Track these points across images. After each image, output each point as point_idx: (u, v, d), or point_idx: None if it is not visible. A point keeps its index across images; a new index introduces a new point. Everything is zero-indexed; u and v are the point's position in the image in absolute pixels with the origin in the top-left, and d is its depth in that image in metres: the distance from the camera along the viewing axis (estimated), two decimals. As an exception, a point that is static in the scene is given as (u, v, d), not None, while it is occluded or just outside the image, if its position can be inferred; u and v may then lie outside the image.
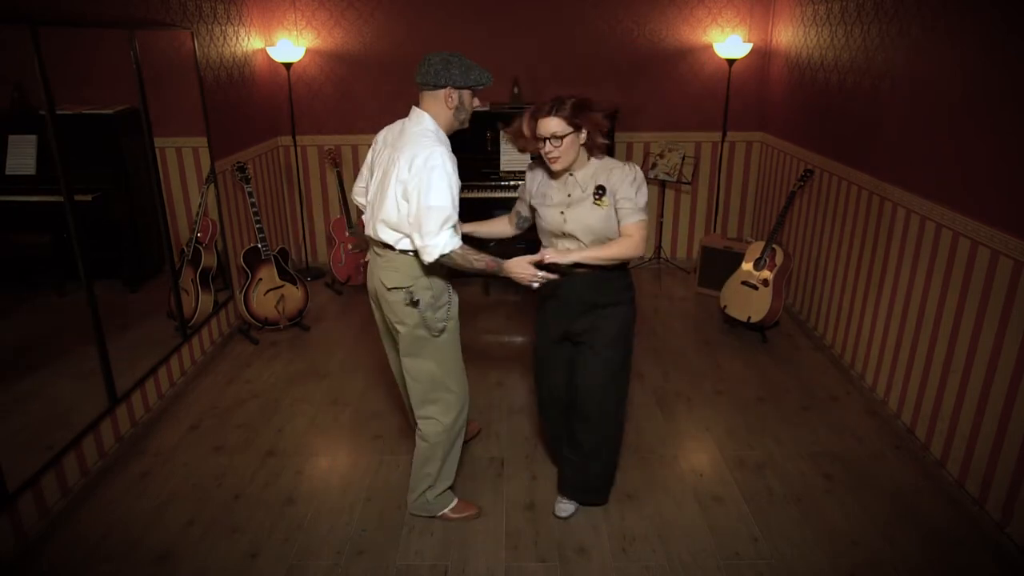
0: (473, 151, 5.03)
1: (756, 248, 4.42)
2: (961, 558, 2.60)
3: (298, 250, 5.76)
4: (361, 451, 3.29)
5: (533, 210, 2.66)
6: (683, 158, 5.31)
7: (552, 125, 2.38)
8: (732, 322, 4.48)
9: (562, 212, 2.50)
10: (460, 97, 2.44)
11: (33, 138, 2.89)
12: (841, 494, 2.95)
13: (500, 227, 2.86)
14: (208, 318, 4.20)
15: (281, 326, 4.54)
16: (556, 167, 2.46)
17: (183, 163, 3.97)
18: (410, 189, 2.34)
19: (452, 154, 2.43)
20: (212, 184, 4.17)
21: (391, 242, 2.47)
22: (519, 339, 4.46)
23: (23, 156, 2.91)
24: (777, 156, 5.12)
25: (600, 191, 2.47)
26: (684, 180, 5.36)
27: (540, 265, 2.44)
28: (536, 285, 2.43)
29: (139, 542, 2.71)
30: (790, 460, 3.19)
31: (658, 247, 5.75)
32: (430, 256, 2.35)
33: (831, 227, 4.13)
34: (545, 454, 3.24)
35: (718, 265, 4.94)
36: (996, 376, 2.68)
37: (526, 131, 2.43)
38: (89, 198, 3.13)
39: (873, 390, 3.61)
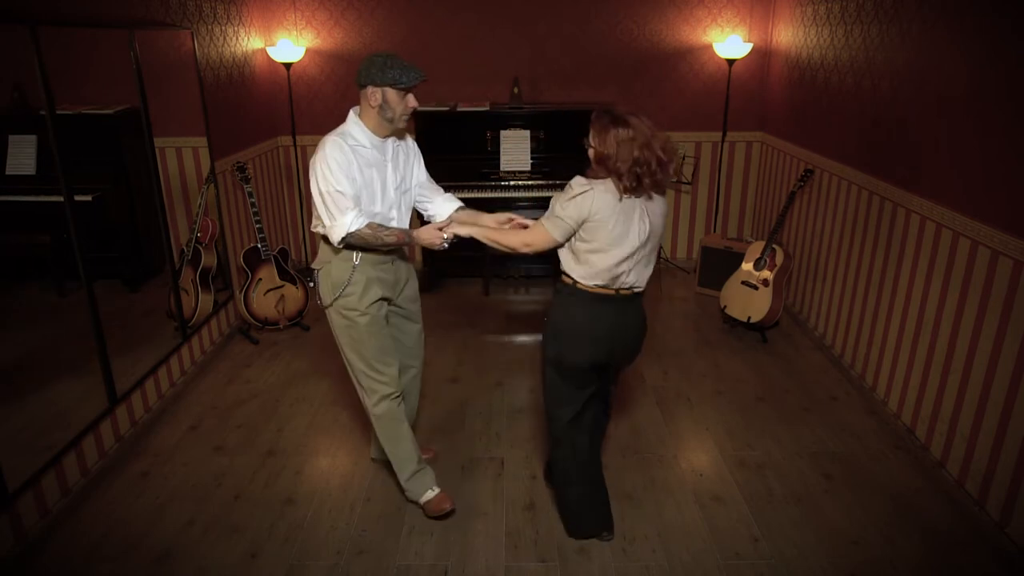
0: (473, 151, 5.03)
1: (756, 248, 4.42)
2: (961, 558, 2.60)
3: (298, 250, 5.76)
4: (361, 451, 3.29)
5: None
6: (683, 158, 5.31)
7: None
8: (732, 322, 4.48)
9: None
10: (383, 95, 2.48)
11: (33, 138, 2.89)
12: (841, 494, 2.95)
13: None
14: (208, 318, 4.20)
15: (281, 326, 4.54)
16: None
17: (183, 163, 3.97)
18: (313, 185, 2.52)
19: (351, 150, 2.51)
20: (212, 184, 4.17)
21: (314, 226, 2.67)
22: (519, 339, 4.46)
23: (23, 156, 2.90)
24: (777, 156, 5.12)
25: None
26: (684, 180, 5.35)
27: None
28: (446, 245, 2.62)
29: (139, 542, 2.71)
30: (790, 460, 3.19)
31: (658, 247, 5.74)
32: (336, 237, 2.50)
33: (831, 227, 4.13)
34: (545, 454, 3.23)
35: (718, 265, 4.94)
36: (996, 376, 2.68)
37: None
38: (89, 198, 3.13)
39: (873, 390, 3.61)
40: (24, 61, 2.66)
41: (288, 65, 5.15)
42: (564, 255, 2.45)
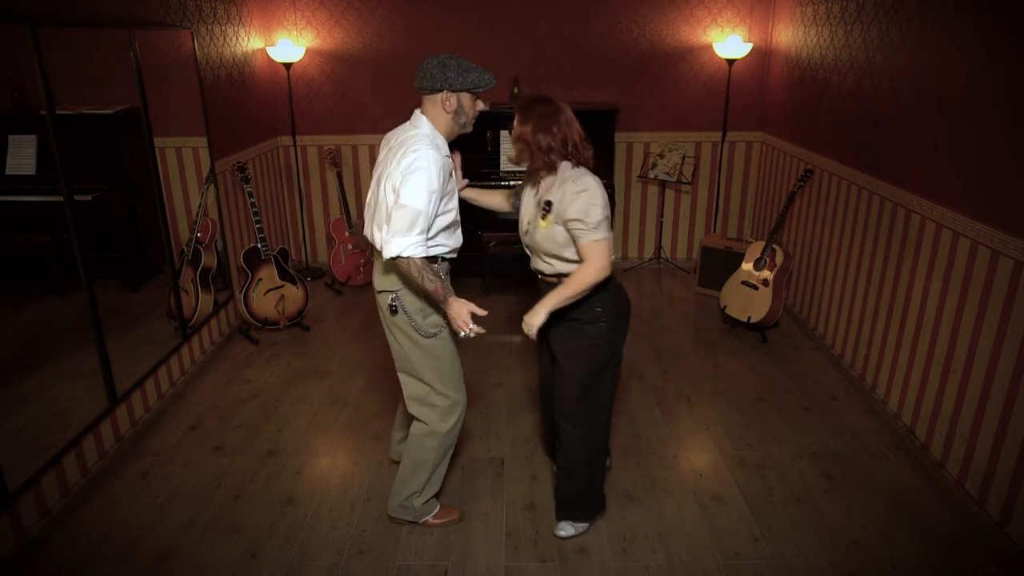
0: (473, 151, 5.03)
1: (756, 248, 4.42)
2: (961, 558, 2.60)
3: (298, 250, 5.76)
4: (361, 451, 3.29)
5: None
6: (683, 158, 5.31)
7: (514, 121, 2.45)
8: (732, 322, 4.48)
9: (528, 223, 2.50)
10: (459, 100, 2.39)
11: (33, 138, 2.89)
12: (841, 494, 2.95)
13: (497, 200, 2.87)
14: (208, 318, 4.20)
15: (281, 326, 4.54)
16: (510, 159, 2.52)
17: (183, 163, 3.97)
18: (394, 188, 2.32)
19: (445, 160, 2.41)
20: (212, 184, 4.17)
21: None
22: (519, 339, 4.46)
23: (23, 156, 2.90)
24: (777, 156, 5.12)
25: (547, 207, 2.38)
26: (684, 180, 5.36)
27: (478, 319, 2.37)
28: (465, 335, 2.35)
29: (139, 542, 2.71)
30: (790, 460, 3.19)
31: (658, 247, 5.75)
32: (388, 253, 2.30)
33: (831, 227, 4.13)
34: (545, 454, 3.24)
35: (718, 265, 4.94)
36: (996, 376, 2.68)
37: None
38: (89, 198, 3.13)
39: (873, 390, 3.61)
40: (24, 61, 2.66)
41: (288, 65, 5.15)
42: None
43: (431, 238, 2.39)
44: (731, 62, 5.15)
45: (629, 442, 3.33)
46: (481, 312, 2.35)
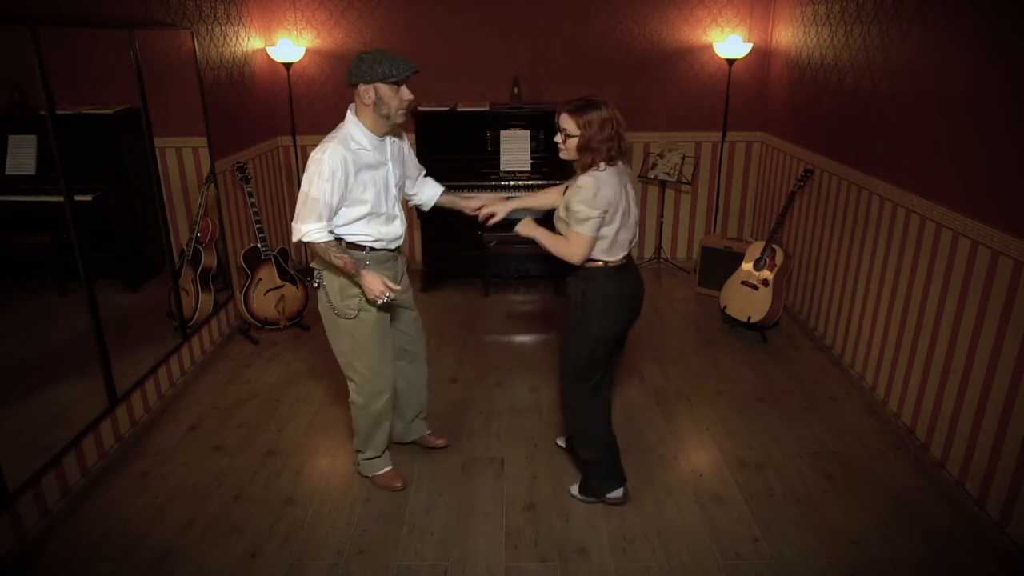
0: (473, 151, 5.03)
1: (756, 248, 4.42)
2: (961, 558, 2.60)
3: (298, 250, 5.76)
4: (361, 451, 3.29)
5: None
6: (683, 158, 5.31)
7: (563, 121, 2.54)
8: (732, 322, 4.48)
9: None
10: (376, 92, 2.47)
11: (33, 138, 2.89)
12: (841, 494, 2.95)
13: (552, 198, 2.91)
14: (208, 318, 4.20)
15: (281, 326, 4.54)
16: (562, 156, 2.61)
17: (183, 163, 3.97)
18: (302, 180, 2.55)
19: (357, 154, 2.54)
20: (212, 184, 4.17)
21: None
22: (519, 339, 4.45)
23: (23, 156, 2.90)
24: (777, 156, 5.12)
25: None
26: (684, 180, 5.36)
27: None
28: (384, 300, 2.58)
29: (139, 542, 2.71)
30: (790, 460, 3.19)
31: (658, 247, 5.75)
32: (294, 237, 2.57)
33: (831, 227, 4.13)
34: (545, 454, 3.24)
35: (718, 265, 4.94)
36: (996, 376, 2.68)
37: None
38: (89, 198, 3.13)
39: (873, 390, 3.61)
40: (24, 61, 2.66)
41: (288, 65, 5.15)
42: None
43: (344, 225, 2.60)
44: (731, 62, 5.15)
45: (629, 442, 3.32)
46: (393, 285, 2.58)
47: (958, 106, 2.91)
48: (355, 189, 2.55)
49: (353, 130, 2.55)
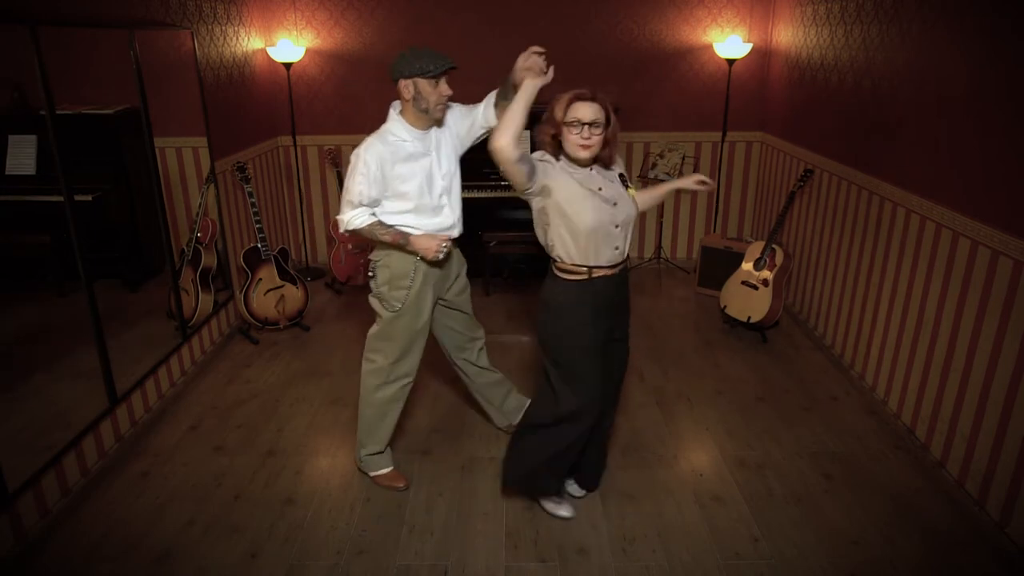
0: (473, 151, 5.01)
1: (756, 248, 4.42)
2: (961, 558, 2.60)
3: (298, 250, 5.76)
4: (361, 451, 3.29)
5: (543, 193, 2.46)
6: (683, 158, 5.31)
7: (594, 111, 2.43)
8: (732, 322, 4.48)
9: (616, 203, 2.46)
10: (415, 86, 2.56)
11: (33, 138, 2.89)
12: (841, 494, 2.95)
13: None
14: (208, 318, 4.20)
15: (281, 326, 4.54)
16: (586, 155, 2.43)
17: (183, 163, 3.97)
18: None
19: (398, 146, 2.64)
20: (212, 184, 4.17)
21: None
22: (520, 339, 4.45)
23: (23, 156, 2.91)
24: (777, 156, 5.12)
25: (624, 179, 2.55)
26: (684, 180, 5.35)
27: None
28: (440, 256, 2.65)
29: (139, 542, 2.71)
30: (790, 460, 3.19)
31: (658, 247, 5.75)
32: (340, 229, 2.71)
33: (831, 227, 4.13)
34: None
35: (718, 265, 4.94)
36: (996, 376, 2.68)
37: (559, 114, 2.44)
38: (89, 198, 3.13)
39: (873, 390, 3.61)
40: (24, 61, 2.66)
41: (288, 65, 5.15)
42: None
43: (392, 216, 2.69)
44: (731, 62, 5.15)
45: (629, 442, 3.33)
46: (443, 237, 2.67)
47: (958, 106, 2.90)
48: (394, 182, 2.63)
49: (393, 125, 2.66)
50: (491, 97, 2.87)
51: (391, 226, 2.69)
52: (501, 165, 2.28)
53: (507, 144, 2.22)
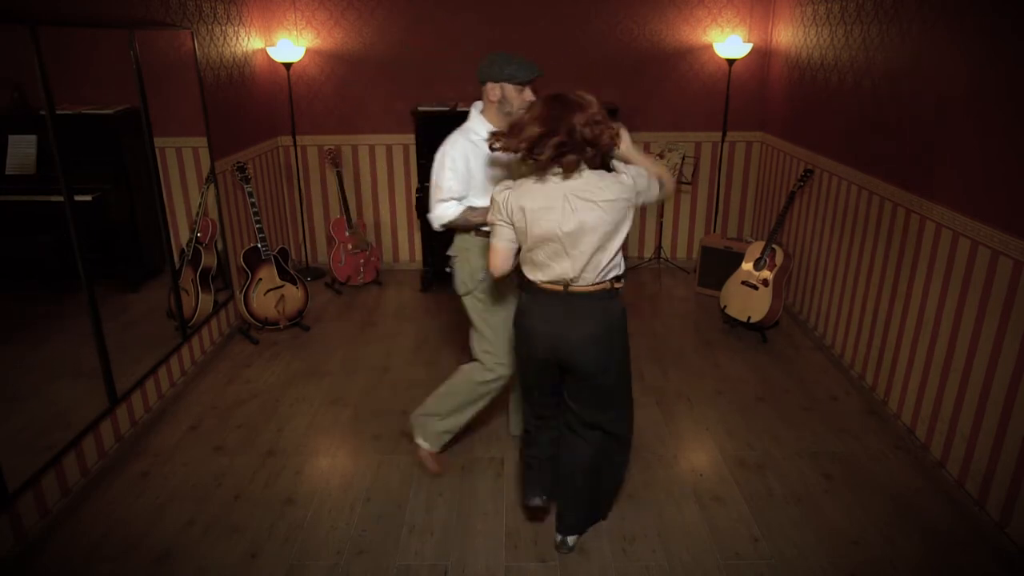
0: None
1: (756, 248, 4.42)
2: (961, 558, 2.60)
3: (298, 250, 5.76)
4: (361, 451, 3.29)
5: None
6: (683, 158, 5.31)
7: None
8: (732, 322, 4.48)
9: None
10: (503, 90, 2.66)
11: (33, 138, 2.89)
12: (841, 494, 2.95)
13: None
14: (208, 318, 4.20)
15: (281, 326, 4.54)
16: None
17: (183, 163, 3.97)
18: None
19: (473, 145, 2.70)
20: (212, 184, 4.17)
21: None
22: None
23: (23, 156, 2.90)
24: (777, 156, 5.12)
25: None
26: (684, 180, 5.35)
27: None
28: None
29: (139, 542, 2.71)
30: (790, 460, 3.19)
31: (658, 247, 5.75)
32: (435, 224, 2.76)
33: (831, 227, 4.13)
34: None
35: (718, 265, 4.94)
36: (996, 376, 2.68)
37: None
38: (89, 198, 3.13)
39: (873, 390, 3.61)
40: (24, 61, 2.66)
41: (288, 65, 5.15)
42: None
43: (480, 202, 2.73)
44: (731, 62, 5.15)
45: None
46: None
47: (958, 106, 2.90)
48: (477, 176, 2.72)
49: (475, 124, 2.74)
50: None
51: (478, 207, 2.75)
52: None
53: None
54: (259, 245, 4.45)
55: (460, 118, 4.95)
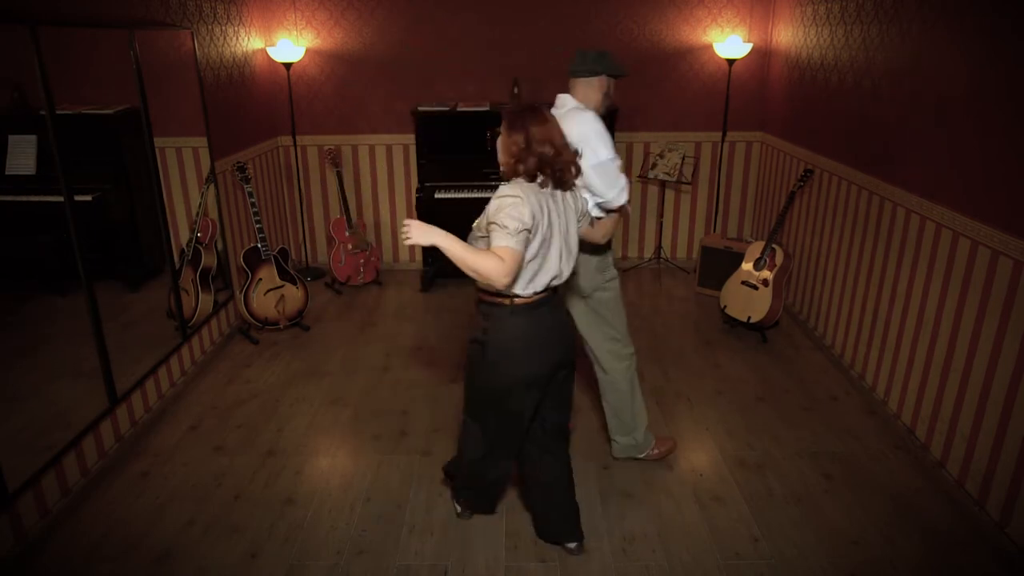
0: (473, 151, 5.03)
1: (756, 248, 4.42)
2: (961, 558, 2.60)
3: (298, 250, 5.76)
4: (361, 451, 3.29)
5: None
6: (683, 158, 5.31)
7: None
8: (732, 322, 4.48)
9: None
10: (610, 84, 2.86)
11: (33, 138, 2.89)
12: (841, 494, 2.95)
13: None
14: (208, 318, 4.20)
15: (281, 326, 4.54)
16: None
17: (183, 163, 3.96)
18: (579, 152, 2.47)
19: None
20: (212, 184, 4.17)
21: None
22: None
23: (23, 156, 2.90)
24: (777, 156, 5.12)
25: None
26: (684, 180, 5.35)
27: None
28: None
29: (139, 542, 2.71)
30: (790, 460, 3.19)
31: (658, 247, 5.75)
32: (622, 200, 2.73)
33: (831, 227, 4.13)
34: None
35: (718, 265, 4.94)
36: (996, 376, 2.68)
37: None
38: (89, 198, 3.13)
39: (873, 390, 3.61)
40: (24, 61, 2.66)
41: (288, 65, 5.15)
42: None
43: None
44: (731, 62, 5.15)
45: (629, 442, 3.33)
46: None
47: (958, 106, 2.90)
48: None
49: (584, 106, 2.83)
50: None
51: None
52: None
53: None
54: (259, 245, 4.45)
55: (460, 118, 5.03)
